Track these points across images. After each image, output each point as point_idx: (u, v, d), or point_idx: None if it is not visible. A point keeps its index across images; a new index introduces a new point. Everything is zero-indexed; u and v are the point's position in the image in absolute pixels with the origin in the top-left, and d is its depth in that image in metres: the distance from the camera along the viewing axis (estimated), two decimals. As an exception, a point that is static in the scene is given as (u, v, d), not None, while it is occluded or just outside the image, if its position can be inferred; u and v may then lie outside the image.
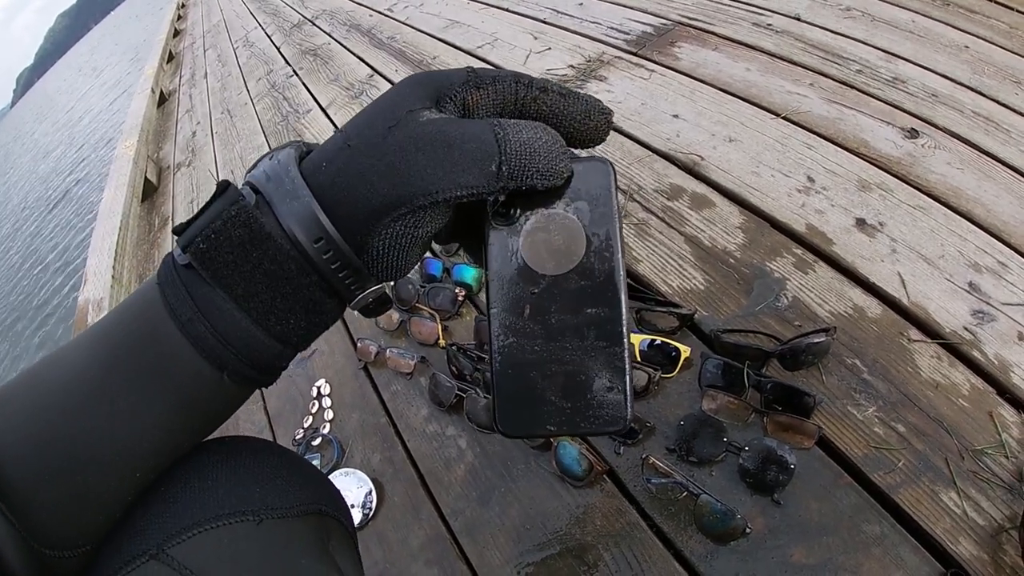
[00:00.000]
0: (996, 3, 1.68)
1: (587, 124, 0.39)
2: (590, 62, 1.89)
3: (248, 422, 1.41)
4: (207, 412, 0.42)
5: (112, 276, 1.97)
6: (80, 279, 2.09)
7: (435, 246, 1.46)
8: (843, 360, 0.96)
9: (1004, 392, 0.88)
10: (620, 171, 1.39)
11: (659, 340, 1.00)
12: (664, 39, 1.87)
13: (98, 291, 1.90)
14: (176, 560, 0.40)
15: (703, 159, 1.32)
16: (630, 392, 0.37)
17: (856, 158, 1.24)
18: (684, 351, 0.99)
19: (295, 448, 1.25)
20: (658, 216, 1.26)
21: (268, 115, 2.82)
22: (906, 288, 1.02)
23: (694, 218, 1.22)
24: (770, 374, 0.95)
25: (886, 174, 1.21)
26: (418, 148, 0.34)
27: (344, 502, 0.59)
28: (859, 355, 0.96)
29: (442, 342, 1.25)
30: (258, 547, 0.44)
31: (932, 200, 1.14)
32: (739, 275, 1.10)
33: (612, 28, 2.05)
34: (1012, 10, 1.65)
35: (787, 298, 1.05)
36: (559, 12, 2.32)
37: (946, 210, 1.12)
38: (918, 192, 1.16)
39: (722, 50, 1.72)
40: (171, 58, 5.90)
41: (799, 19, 1.76)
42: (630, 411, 0.36)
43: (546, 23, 2.30)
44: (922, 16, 1.67)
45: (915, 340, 0.96)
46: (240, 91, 3.41)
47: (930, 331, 0.97)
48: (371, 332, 1.38)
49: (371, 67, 2.65)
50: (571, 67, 1.91)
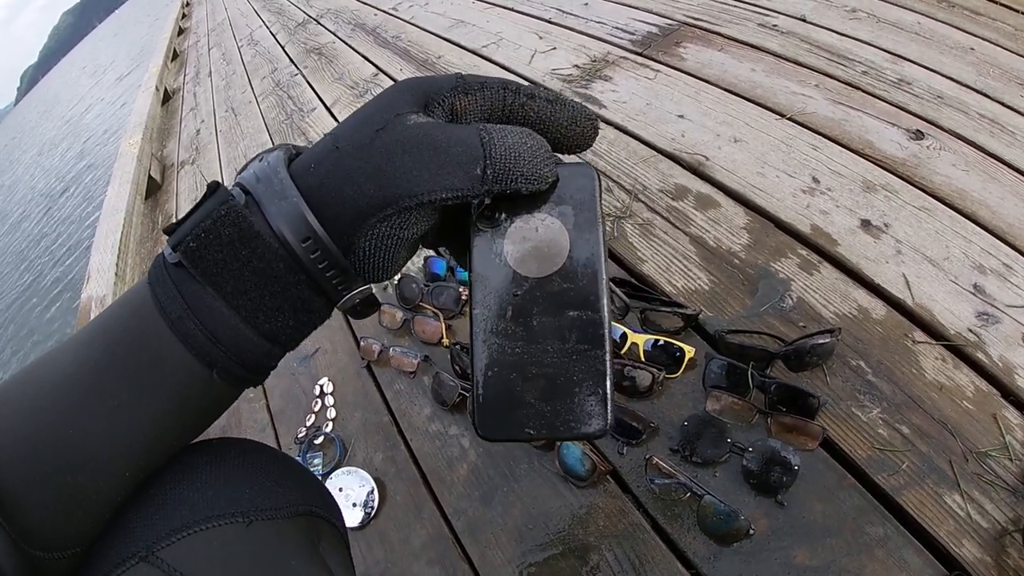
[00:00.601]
0: (1001, 5, 1.67)
1: (573, 130, 0.39)
2: (595, 62, 1.89)
3: (251, 420, 1.40)
4: (197, 410, 0.42)
5: (116, 273, 1.96)
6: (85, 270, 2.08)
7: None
8: (847, 361, 0.95)
9: (1008, 394, 0.88)
10: (625, 171, 1.40)
11: (663, 340, 1.00)
12: (669, 39, 1.86)
13: (101, 288, 1.90)
14: (166, 562, 0.40)
15: (708, 159, 1.32)
16: (611, 397, 0.36)
17: (861, 159, 1.24)
18: (689, 351, 0.99)
19: (297, 447, 1.25)
20: (663, 216, 1.25)
21: (272, 113, 2.82)
22: (911, 289, 1.02)
23: (699, 218, 1.22)
24: (774, 375, 0.95)
25: (891, 175, 1.20)
26: (404, 151, 0.35)
27: (335, 504, 0.59)
28: (863, 356, 0.95)
29: (446, 341, 1.24)
30: (248, 549, 0.44)
31: (937, 202, 1.14)
32: (744, 275, 1.10)
33: (617, 28, 2.05)
34: (1017, 12, 1.64)
35: (792, 299, 1.04)
36: (564, 12, 2.32)
37: (951, 212, 1.12)
38: (923, 193, 1.16)
39: (727, 51, 1.71)
40: (175, 56, 5.90)
41: (805, 20, 1.75)
42: (611, 416, 0.36)
43: (551, 23, 2.30)
44: (927, 18, 1.66)
45: (920, 342, 0.96)
46: (244, 89, 3.41)
47: (935, 333, 0.96)
48: (374, 331, 1.37)
49: (376, 66, 2.65)
50: (576, 67, 1.91)
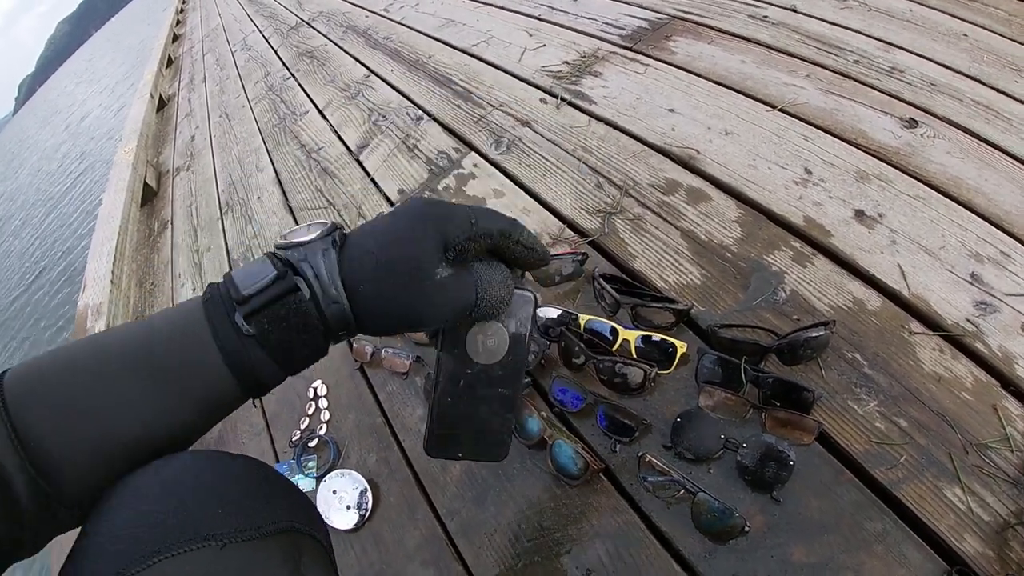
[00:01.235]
0: (994, -9, 1.65)
1: (533, 264, 0.58)
2: (585, 58, 1.87)
3: (247, 425, 1.39)
4: (217, 409, 0.53)
5: (111, 281, 1.95)
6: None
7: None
8: (843, 354, 0.93)
9: (1008, 385, 0.86)
10: (615, 166, 1.38)
11: (655, 336, 0.98)
12: (659, 33, 1.84)
13: (97, 296, 1.89)
14: None
15: (699, 153, 1.30)
16: (509, 441, 0.63)
17: (854, 149, 1.22)
18: (681, 347, 0.96)
19: (292, 450, 1.24)
20: (654, 211, 1.23)
21: (265, 118, 2.80)
22: (906, 280, 1.00)
23: (690, 212, 1.19)
24: (768, 369, 0.93)
25: (885, 165, 1.18)
26: (428, 299, 0.52)
27: (318, 515, 0.58)
28: (859, 349, 0.93)
29: (436, 341, 1.22)
30: (219, 574, 0.43)
31: (932, 190, 1.12)
32: (736, 269, 1.08)
33: (607, 23, 2.02)
34: (1011, -2, 1.62)
35: (785, 292, 1.02)
36: (554, 8, 2.30)
37: (947, 200, 1.10)
38: (918, 182, 1.14)
39: (717, 43, 1.69)
40: (170, 63, 5.88)
41: (795, 11, 1.73)
42: (507, 451, 0.63)
43: (540, 20, 2.27)
44: (919, 4, 1.64)
45: (916, 333, 0.93)
46: (238, 94, 3.39)
47: (932, 323, 0.94)
48: None
49: (367, 67, 2.62)
50: (566, 63, 1.88)
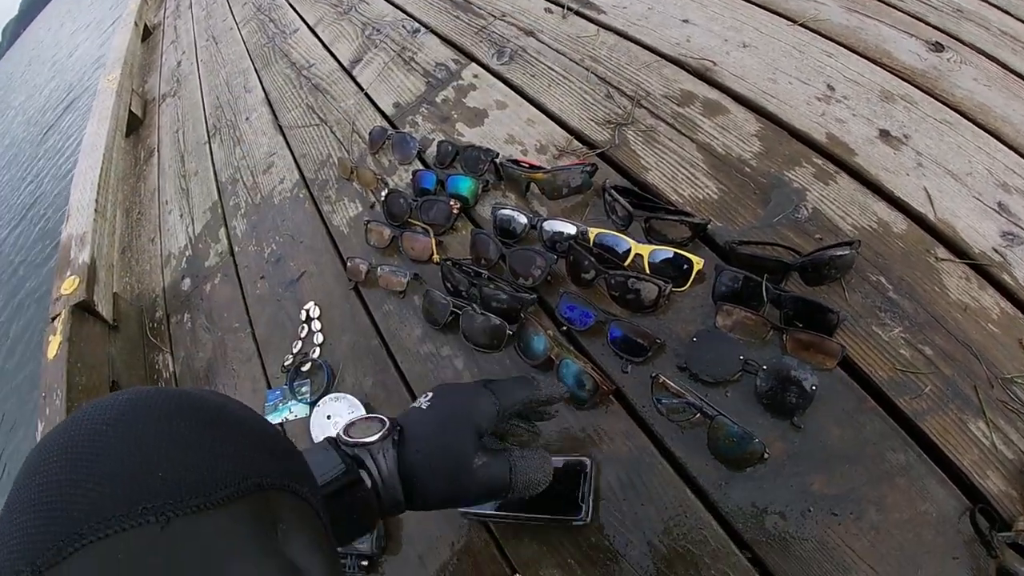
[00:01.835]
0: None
1: (544, 417, 0.79)
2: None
3: (236, 351, 1.30)
4: None
5: (95, 210, 1.81)
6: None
7: (428, 157, 1.32)
8: (867, 277, 0.84)
9: (1035, 319, 0.78)
10: (626, 77, 1.25)
11: (670, 251, 0.88)
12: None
13: (81, 226, 1.76)
14: None
15: (716, 65, 1.17)
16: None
17: (878, 68, 1.11)
18: (697, 263, 0.86)
19: (284, 375, 1.15)
20: (667, 123, 1.11)
21: (254, 39, 2.58)
22: (933, 204, 0.91)
23: (706, 125, 1.08)
24: (789, 289, 0.84)
25: (910, 86, 1.07)
26: (466, 489, 0.61)
27: (300, 462, 0.46)
28: (884, 272, 0.85)
29: (436, 257, 1.12)
30: (164, 560, 0.32)
31: (959, 115, 1.02)
32: (755, 184, 0.97)
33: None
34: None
35: (807, 209, 0.92)
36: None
37: (973, 127, 1.00)
38: (944, 106, 1.03)
39: (731, -43, 1.54)
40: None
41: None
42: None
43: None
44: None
45: (943, 259, 0.85)
46: (225, 17, 3.13)
47: (958, 250, 0.86)
48: (362, 250, 1.24)
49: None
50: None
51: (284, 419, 1.10)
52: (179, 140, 2.29)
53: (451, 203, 1.14)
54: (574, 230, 0.96)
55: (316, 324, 1.20)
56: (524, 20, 1.56)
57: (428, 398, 0.68)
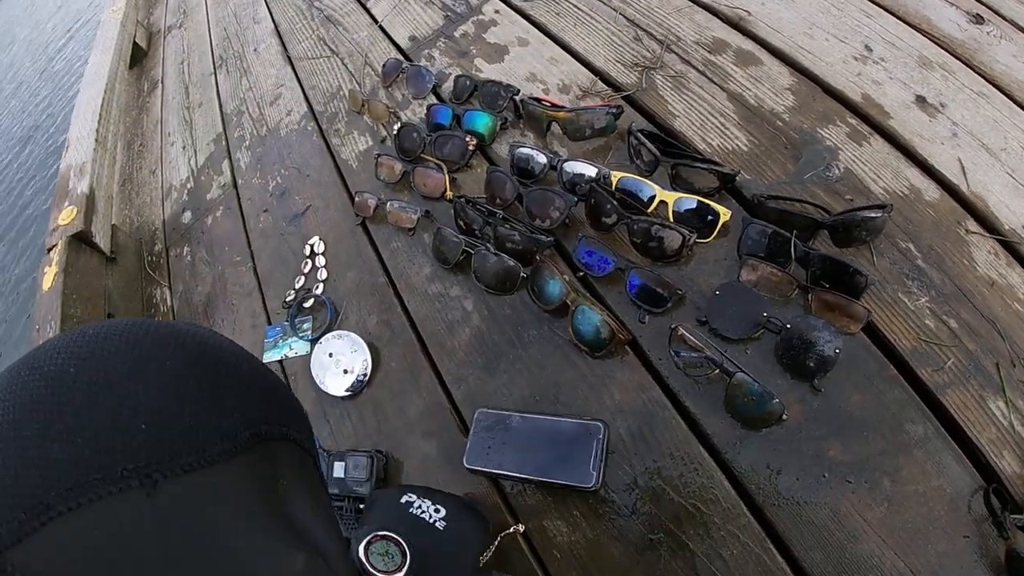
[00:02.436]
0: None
1: None
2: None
3: (237, 285, 1.23)
4: None
5: (96, 140, 1.71)
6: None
7: (444, 93, 1.24)
8: (896, 243, 0.79)
9: (1060, 301, 0.73)
10: (656, 20, 1.16)
11: (696, 200, 0.81)
12: None
13: (80, 155, 1.66)
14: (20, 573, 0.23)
15: (750, 15, 1.09)
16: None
17: (917, 34, 1.03)
18: (724, 214, 0.80)
19: (285, 311, 1.09)
20: (698, 70, 1.03)
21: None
22: (966, 176, 0.85)
23: (739, 75, 1.00)
24: (817, 248, 0.78)
25: (949, 55, 1.00)
26: None
27: (291, 401, 0.38)
28: (913, 239, 0.79)
29: (449, 195, 1.05)
30: (152, 533, 0.25)
31: (996, 90, 0.95)
32: (787, 139, 0.90)
33: None
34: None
35: (839, 169, 0.86)
36: None
37: (1010, 103, 0.93)
38: (982, 79, 0.97)
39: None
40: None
41: None
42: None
43: None
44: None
45: (972, 232, 0.79)
46: (235, -53, 2.99)
47: (988, 225, 0.80)
48: (371, 185, 1.17)
49: None
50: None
51: (284, 356, 1.05)
52: (184, 71, 2.18)
53: (467, 139, 1.06)
54: (596, 173, 0.89)
55: (320, 259, 1.14)
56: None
57: (442, 515, 0.66)
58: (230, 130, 1.65)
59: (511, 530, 0.72)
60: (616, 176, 0.87)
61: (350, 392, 0.94)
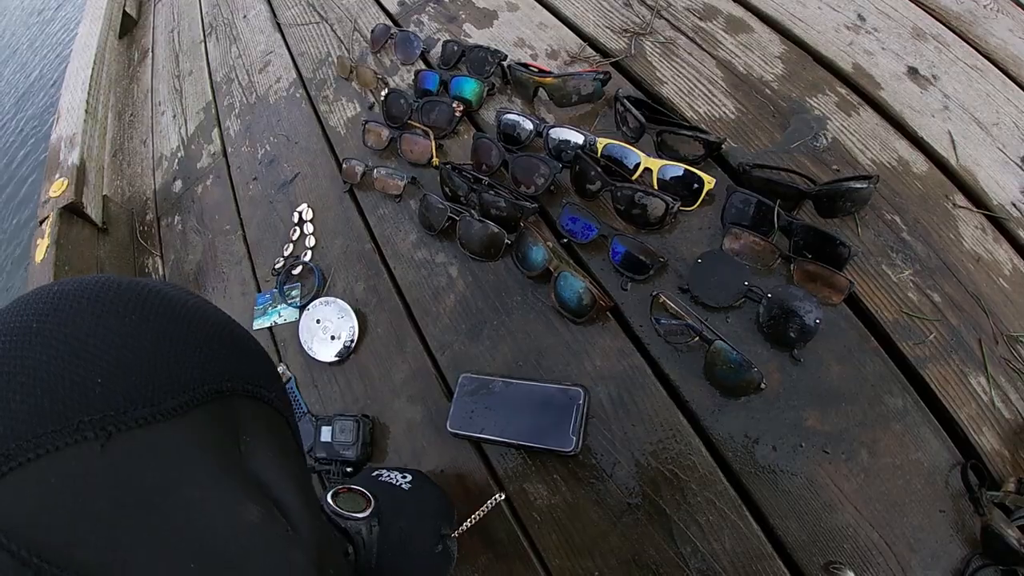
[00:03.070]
0: None
1: None
2: None
3: (227, 253, 1.21)
4: None
5: (86, 111, 1.66)
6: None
7: (432, 58, 1.21)
8: (882, 214, 0.77)
9: (1046, 279, 0.71)
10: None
11: (681, 168, 0.79)
12: None
13: (71, 127, 1.61)
14: None
15: (742, -19, 1.06)
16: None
17: (912, 4, 1.00)
18: (708, 182, 0.77)
19: (274, 278, 1.07)
20: (688, 36, 0.99)
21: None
22: (956, 150, 0.82)
23: (728, 42, 0.97)
24: (801, 217, 0.76)
25: (943, 27, 0.97)
26: (425, 567, 0.66)
27: (266, 364, 0.38)
28: (899, 211, 0.77)
29: (435, 161, 1.02)
30: (105, 483, 0.25)
31: (990, 64, 0.92)
32: (775, 107, 0.87)
33: None
34: None
35: (826, 139, 0.83)
36: None
37: (1004, 77, 0.90)
38: (976, 52, 0.94)
39: None
40: None
41: None
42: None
43: None
44: None
45: (960, 206, 0.77)
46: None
47: (976, 200, 0.78)
48: (358, 152, 1.14)
49: None
50: None
51: (273, 323, 1.03)
52: (174, 40, 2.12)
53: (454, 105, 1.03)
54: (582, 139, 0.86)
55: (308, 227, 1.11)
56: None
57: (408, 480, 0.68)
58: (220, 98, 1.61)
59: (492, 500, 0.70)
60: (602, 143, 0.84)
61: (338, 358, 0.92)
